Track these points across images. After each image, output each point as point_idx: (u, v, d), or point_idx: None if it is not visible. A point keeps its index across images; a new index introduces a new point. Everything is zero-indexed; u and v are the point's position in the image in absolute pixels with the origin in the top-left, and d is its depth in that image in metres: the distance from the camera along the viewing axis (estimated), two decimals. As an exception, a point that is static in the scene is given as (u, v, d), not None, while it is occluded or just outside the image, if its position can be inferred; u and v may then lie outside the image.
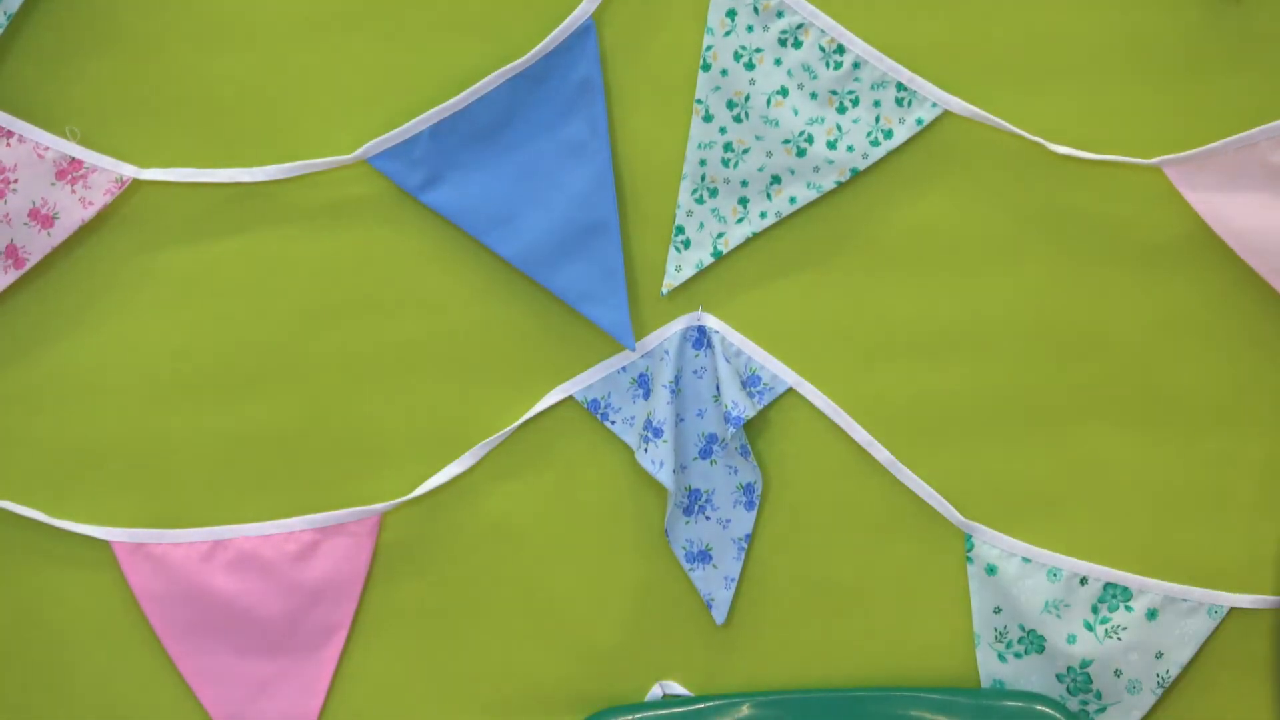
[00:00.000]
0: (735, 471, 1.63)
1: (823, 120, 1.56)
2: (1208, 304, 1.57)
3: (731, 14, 1.55)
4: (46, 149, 1.57)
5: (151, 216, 1.60)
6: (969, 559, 1.62)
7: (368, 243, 1.60)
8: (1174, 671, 1.59)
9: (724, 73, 1.56)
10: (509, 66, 1.56)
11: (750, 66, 1.56)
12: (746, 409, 1.59)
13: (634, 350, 1.60)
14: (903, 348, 1.59)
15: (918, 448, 1.61)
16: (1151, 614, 1.59)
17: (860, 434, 1.61)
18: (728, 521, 1.64)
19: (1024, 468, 1.60)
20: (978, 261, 1.57)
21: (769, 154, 1.57)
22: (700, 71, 1.56)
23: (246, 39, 1.57)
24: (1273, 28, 1.52)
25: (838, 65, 1.55)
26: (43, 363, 1.62)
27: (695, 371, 1.62)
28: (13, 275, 1.59)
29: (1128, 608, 1.59)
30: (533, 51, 1.55)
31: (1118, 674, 1.60)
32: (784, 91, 1.56)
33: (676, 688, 1.66)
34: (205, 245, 1.60)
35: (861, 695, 1.62)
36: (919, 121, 1.55)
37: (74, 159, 1.57)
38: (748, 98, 1.56)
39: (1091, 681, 1.60)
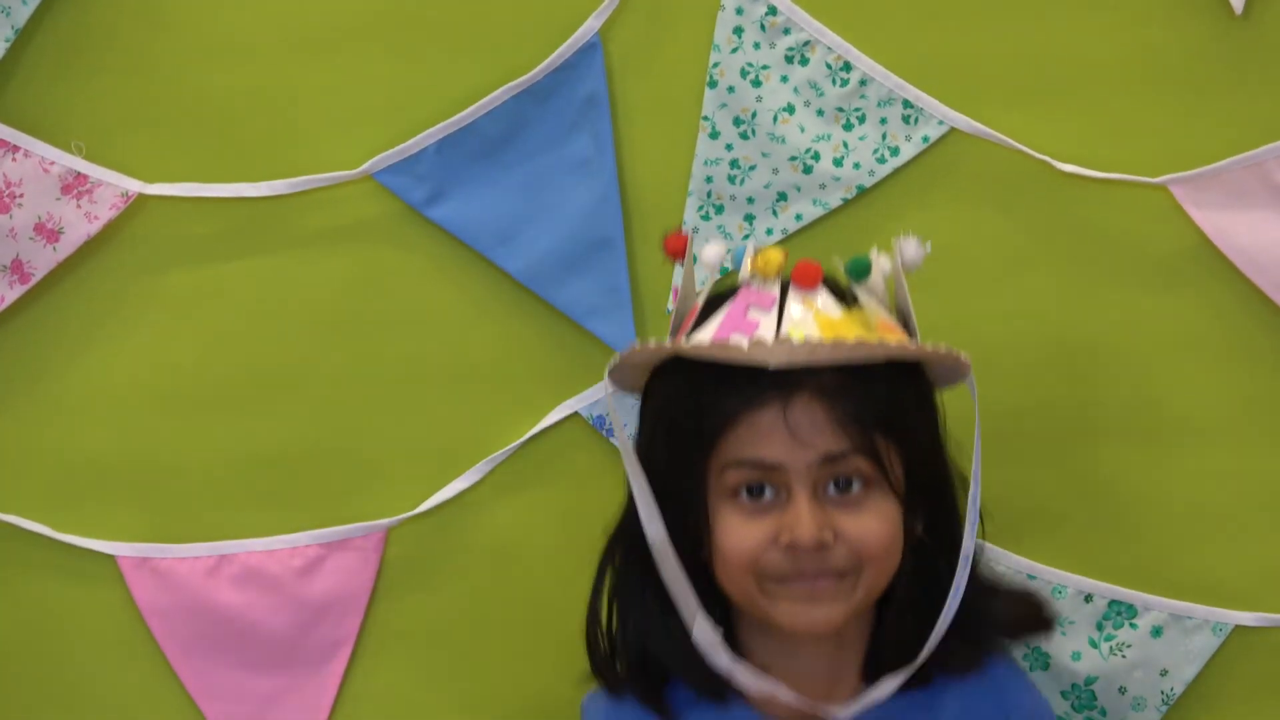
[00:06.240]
0: (740, 487, 1.63)
1: (829, 137, 1.56)
2: (1213, 321, 1.56)
3: (738, 31, 1.55)
4: (52, 164, 1.57)
5: (157, 232, 1.60)
6: (974, 575, 1.62)
7: (373, 258, 1.60)
8: (1179, 689, 1.58)
9: (730, 89, 1.56)
10: (515, 82, 1.56)
11: (757, 83, 1.56)
12: (752, 425, 1.59)
13: (639, 366, 1.60)
14: (908, 365, 1.59)
15: (923, 464, 1.61)
16: (1156, 631, 1.59)
17: (865, 450, 1.61)
18: (733, 537, 1.64)
19: (1028, 484, 1.60)
20: (984, 279, 1.57)
21: (775, 171, 1.57)
22: (707, 88, 1.56)
23: (252, 54, 1.58)
24: (1279, 46, 1.52)
25: (844, 82, 1.55)
26: (48, 377, 1.62)
27: (701, 387, 1.61)
28: (18, 290, 1.59)
29: (1133, 625, 1.59)
30: (539, 67, 1.55)
31: (1122, 691, 1.60)
32: (790, 109, 1.56)
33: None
34: (211, 260, 1.60)
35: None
36: (925, 139, 1.55)
37: (79, 174, 1.58)
38: (754, 115, 1.56)
39: (1096, 699, 1.60)
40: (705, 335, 1.29)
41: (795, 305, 1.28)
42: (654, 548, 1.30)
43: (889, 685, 1.31)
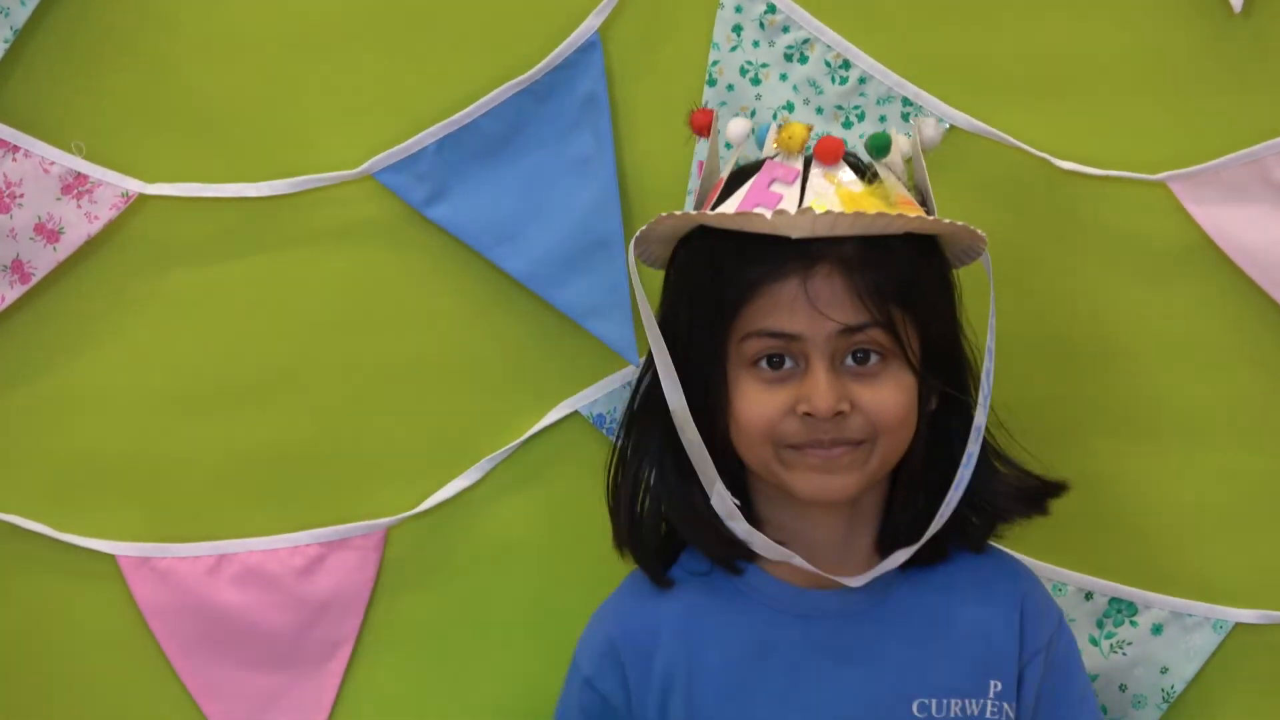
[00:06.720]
0: (740, 486, 1.63)
1: (828, 135, 1.56)
2: (1213, 318, 1.57)
3: (737, 29, 1.55)
4: (52, 164, 1.57)
5: (157, 232, 1.60)
6: (974, 574, 1.62)
7: (373, 258, 1.60)
8: (1179, 687, 1.58)
9: (730, 88, 1.56)
10: (514, 81, 1.56)
11: (756, 82, 1.56)
12: (752, 424, 1.59)
13: (638, 365, 1.60)
14: (908, 363, 1.59)
15: (923, 462, 1.61)
16: (1157, 629, 1.59)
17: (865, 449, 1.61)
18: (733, 536, 1.64)
19: (1029, 482, 1.60)
20: (982, 276, 1.56)
21: (775, 169, 1.57)
22: (706, 87, 1.56)
23: (252, 54, 1.58)
24: (1278, 44, 1.52)
25: (843, 80, 1.55)
26: (48, 377, 1.62)
27: (700, 386, 1.62)
28: (19, 290, 1.59)
29: (1133, 623, 1.59)
30: (538, 66, 1.56)
31: (1123, 689, 1.60)
32: (790, 106, 1.56)
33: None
34: (211, 260, 1.60)
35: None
36: (925, 137, 1.55)
37: (79, 174, 1.58)
38: (753, 113, 1.56)
39: (1097, 696, 1.60)
40: (729, 208, 1.32)
41: (818, 179, 1.31)
42: (675, 416, 1.33)
43: (901, 556, 1.35)
